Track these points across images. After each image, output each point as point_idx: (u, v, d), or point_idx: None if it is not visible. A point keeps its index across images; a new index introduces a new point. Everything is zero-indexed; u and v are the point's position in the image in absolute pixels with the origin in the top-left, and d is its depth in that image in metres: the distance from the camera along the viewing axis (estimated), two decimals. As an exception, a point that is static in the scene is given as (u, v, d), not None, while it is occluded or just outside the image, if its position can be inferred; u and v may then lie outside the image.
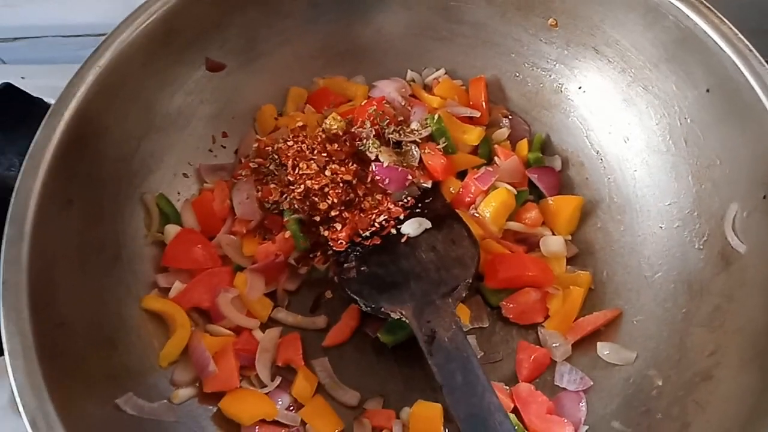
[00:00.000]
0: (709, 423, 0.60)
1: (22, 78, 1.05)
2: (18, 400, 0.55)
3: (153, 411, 0.66)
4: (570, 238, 0.82)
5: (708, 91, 0.71)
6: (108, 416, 0.62)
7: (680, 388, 0.65)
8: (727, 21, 0.69)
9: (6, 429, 0.82)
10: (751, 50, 0.67)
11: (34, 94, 0.92)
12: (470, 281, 0.71)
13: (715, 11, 0.69)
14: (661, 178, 0.78)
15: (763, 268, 0.63)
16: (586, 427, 0.69)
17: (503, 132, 0.87)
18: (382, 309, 0.70)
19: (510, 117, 0.89)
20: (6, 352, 0.57)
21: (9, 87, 0.93)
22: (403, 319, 0.68)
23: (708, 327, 0.67)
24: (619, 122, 0.82)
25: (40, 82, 0.91)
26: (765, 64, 0.66)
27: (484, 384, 0.60)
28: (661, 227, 0.77)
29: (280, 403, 0.73)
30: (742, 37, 0.68)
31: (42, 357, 0.57)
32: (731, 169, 0.69)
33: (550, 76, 0.87)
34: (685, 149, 0.75)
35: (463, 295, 0.71)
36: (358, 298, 0.72)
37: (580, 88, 0.85)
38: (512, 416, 0.69)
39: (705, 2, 0.70)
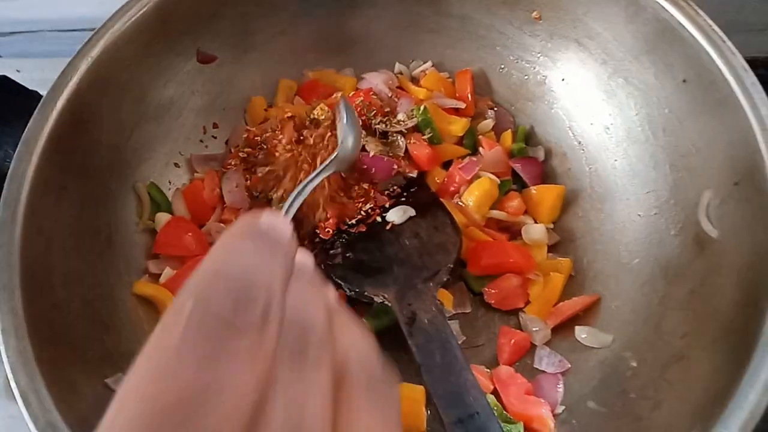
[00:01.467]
0: (680, 400, 0.62)
1: (18, 71, 1.06)
2: (10, 377, 0.57)
3: (142, 391, 0.68)
4: (552, 226, 0.84)
5: (685, 81, 0.73)
6: (98, 394, 0.63)
7: (654, 369, 0.67)
8: (702, 13, 0.71)
9: (1, 414, 0.84)
10: (724, 41, 0.69)
11: (30, 87, 0.94)
12: (452, 266, 0.73)
13: (691, 4, 0.71)
14: (640, 168, 0.79)
15: (734, 251, 0.65)
16: (563, 407, 0.71)
17: (488, 123, 0.89)
18: (366, 293, 0.72)
19: (495, 109, 0.91)
20: (-1, 331, 0.59)
21: (5, 79, 0.95)
22: (386, 302, 0.70)
23: (683, 310, 0.69)
24: (601, 113, 0.83)
25: (36, 75, 0.93)
26: (737, 54, 0.68)
27: (462, 363, 0.62)
28: (639, 215, 0.78)
29: (267, 385, 0.75)
30: (717, 29, 0.69)
31: (34, 336, 0.59)
32: (706, 158, 0.71)
33: (534, 68, 0.89)
34: (663, 139, 0.77)
35: (445, 279, 0.73)
36: (342, 284, 0.74)
37: (563, 80, 0.87)
38: (491, 397, 0.72)
39: (682, -5, 0.72)
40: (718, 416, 0.54)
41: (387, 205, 0.80)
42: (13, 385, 0.57)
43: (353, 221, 0.78)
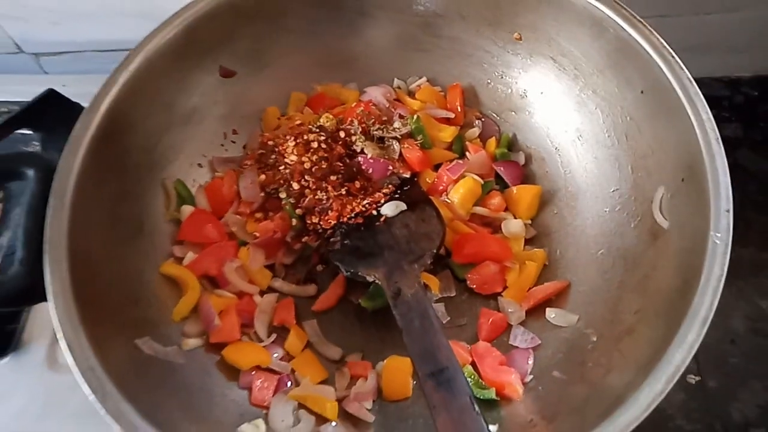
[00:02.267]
0: (626, 366, 0.70)
1: (63, 86, 1.19)
2: (57, 329, 0.68)
3: (165, 353, 0.79)
4: (530, 222, 0.94)
5: (642, 92, 0.83)
6: (129, 351, 0.74)
7: (610, 342, 0.76)
8: (655, 32, 0.80)
9: (42, 383, 0.95)
10: (673, 56, 0.78)
11: (74, 100, 1.06)
12: (434, 251, 0.84)
13: (646, 25, 0.81)
14: (606, 169, 0.89)
15: (679, 239, 0.74)
16: (531, 376, 0.81)
17: (474, 131, 1.00)
18: (359, 273, 0.83)
19: (482, 119, 1.02)
20: (49, 293, 0.70)
21: (52, 92, 1.07)
22: (377, 281, 0.81)
23: (636, 292, 0.78)
24: (573, 122, 0.94)
25: (79, 90, 1.03)
26: (684, 68, 0.77)
27: (437, 328, 0.72)
28: (605, 210, 0.88)
29: (274, 355, 0.85)
30: (667, 46, 0.79)
31: (78, 300, 0.70)
32: (660, 158, 0.80)
33: (516, 83, 0.99)
34: (626, 143, 0.87)
35: (428, 262, 0.83)
36: (340, 265, 0.85)
37: (541, 93, 0.97)
38: (469, 368, 0.81)
39: (638, 17, 0.81)
40: (651, 371, 0.63)
41: (382, 201, 0.90)
42: (59, 336, 0.68)
43: (353, 214, 0.89)
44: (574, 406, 0.72)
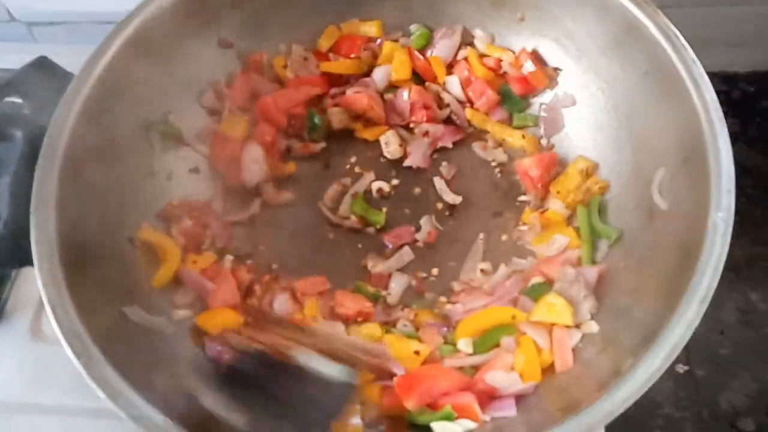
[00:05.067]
0: (622, 343, 0.70)
1: (56, 56, 1.16)
2: (42, 292, 0.67)
3: (154, 322, 0.77)
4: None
5: (646, 73, 0.82)
6: (115, 318, 0.73)
7: (605, 323, 0.76)
8: (660, 12, 0.79)
9: (27, 354, 0.93)
10: (677, 37, 0.77)
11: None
12: None
13: (651, 4, 0.80)
14: (607, 152, 0.88)
15: (677, 219, 0.74)
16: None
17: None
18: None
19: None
20: (34, 254, 0.68)
21: (43, 59, 1.04)
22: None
23: (633, 273, 0.77)
24: (575, 105, 0.93)
25: (73, 60, 1.01)
26: (688, 48, 0.76)
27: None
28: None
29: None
30: (672, 26, 0.78)
31: (63, 263, 0.69)
32: (662, 140, 0.79)
33: (519, 64, 0.98)
34: (627, 125, 0.86)
35: None
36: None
37: (544, 75, 0.96)
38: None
39: (643, -4, 0.80)
40: (649, 348, 0.62)
41: None
42: (44, 298, 0.66)
43: None
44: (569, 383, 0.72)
